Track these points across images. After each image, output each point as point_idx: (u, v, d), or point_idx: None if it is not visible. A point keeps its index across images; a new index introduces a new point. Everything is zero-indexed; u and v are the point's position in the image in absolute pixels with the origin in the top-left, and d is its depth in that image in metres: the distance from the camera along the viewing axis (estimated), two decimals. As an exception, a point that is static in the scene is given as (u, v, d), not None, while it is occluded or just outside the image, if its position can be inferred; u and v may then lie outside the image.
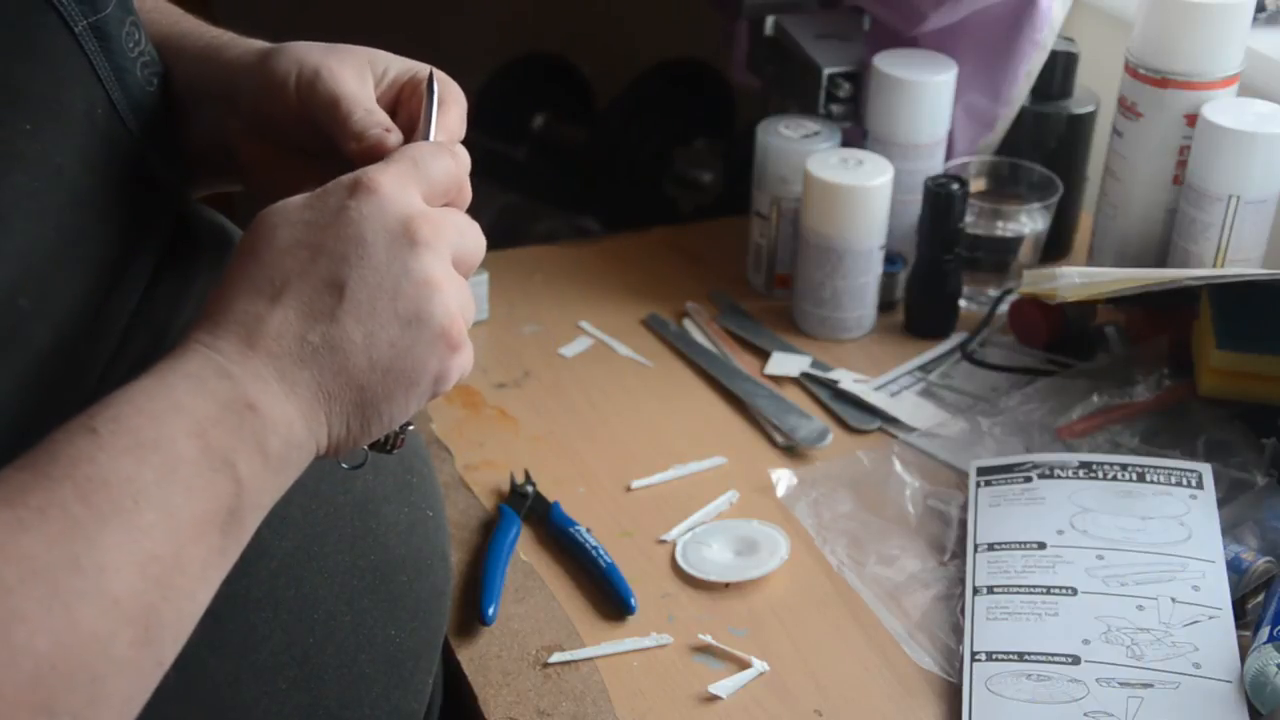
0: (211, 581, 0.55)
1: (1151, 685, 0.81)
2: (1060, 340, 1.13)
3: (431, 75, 0.69)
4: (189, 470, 0.53)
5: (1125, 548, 0.90)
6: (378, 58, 0.71)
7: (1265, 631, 0.80)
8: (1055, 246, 1.24)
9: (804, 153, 1.16)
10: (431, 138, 0.67)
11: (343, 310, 0.58)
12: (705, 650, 0.87)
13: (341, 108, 0.67)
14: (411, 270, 0.59)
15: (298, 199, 0.61)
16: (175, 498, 0.53)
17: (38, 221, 0.60)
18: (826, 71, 1.23)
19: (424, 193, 0.62)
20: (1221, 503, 0.93)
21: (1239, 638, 0.83)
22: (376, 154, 0.65)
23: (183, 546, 0.53)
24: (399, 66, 0.71)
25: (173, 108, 0.73)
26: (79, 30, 0.64)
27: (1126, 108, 1.13)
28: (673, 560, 0.94)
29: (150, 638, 0.52)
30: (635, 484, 1.01)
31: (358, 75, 0.69)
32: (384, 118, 0.67)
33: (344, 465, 0.62)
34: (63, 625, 0.49)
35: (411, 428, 0.65)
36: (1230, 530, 0.91)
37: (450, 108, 0.69)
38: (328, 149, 0.68)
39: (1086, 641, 0.84)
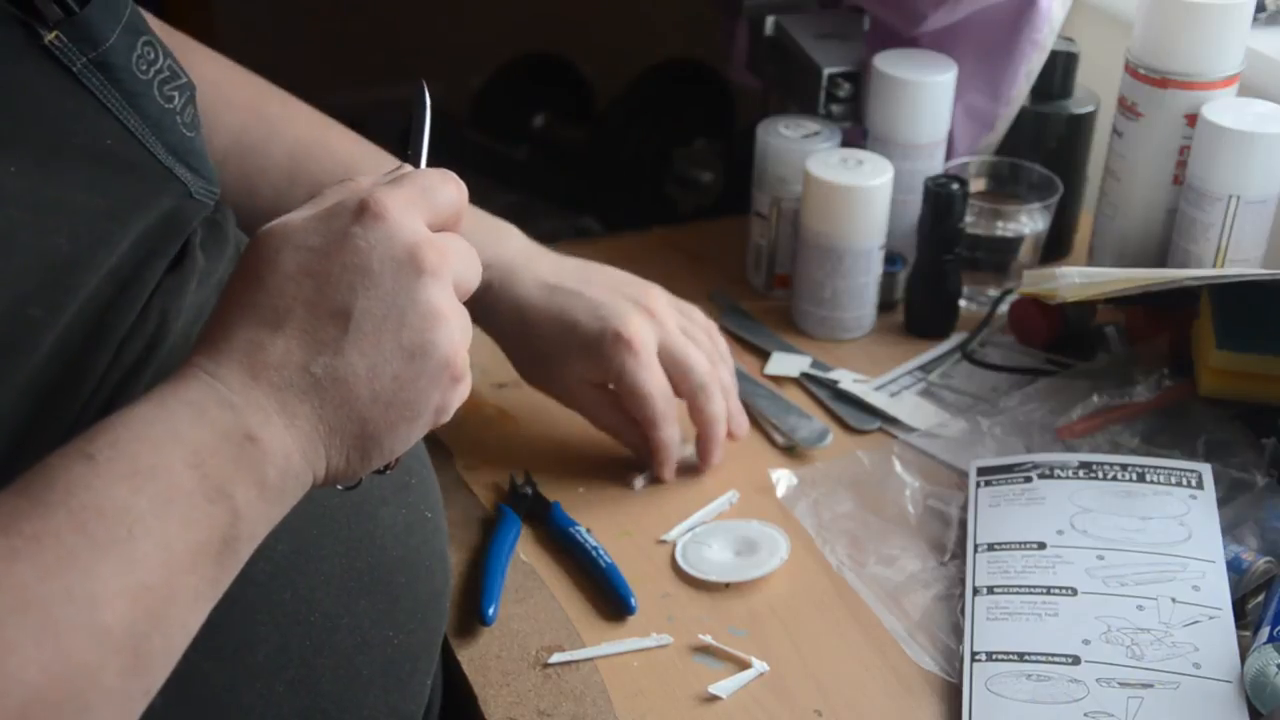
0: (202, 610, 0.55)
1: (1151, 685, 0.81)
2: (1060, 340, 1.13)
3: (423, 88, 0.69)
4: (185, 501, 0.53)
5: (1125, 548, 0.90)
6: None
7: (1265, 631, 0.80)
8: (1055, 246, 1.24)
9: (804, 153, 1.16)
10: (424, 153, 0.67)
11: (347, 341, 0.57)
12: (705, 650, 0.87)
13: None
14: (418, 300, 0.59)
15: (300, 217, 0.60)
16: (171, 528, 0.53)
17: (45, 238, 0.60)
18: (826, 71, 1.23)
19: (428, 220, 0.61)
20: (1221, 503, 0.93)
21: (1239, 638, 0.83)
22: None
23: (176, 576, 0.53)
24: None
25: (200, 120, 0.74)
26: (78, 69, 0.64)
27: (1126, 108, 1.13)
28: (673, 560, 0.94)
29: (140, 668, 0.52)
30: (635, 484, 1.01)
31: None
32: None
33: (338, 486, 0.62)
34: (53, 656, 0.49)
35: None
36: (1230, 530, 0.91)
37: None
38: None
39: (1086, 641, 0.84)
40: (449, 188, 0.63)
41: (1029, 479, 0.96)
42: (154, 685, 0.53)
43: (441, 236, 0.61)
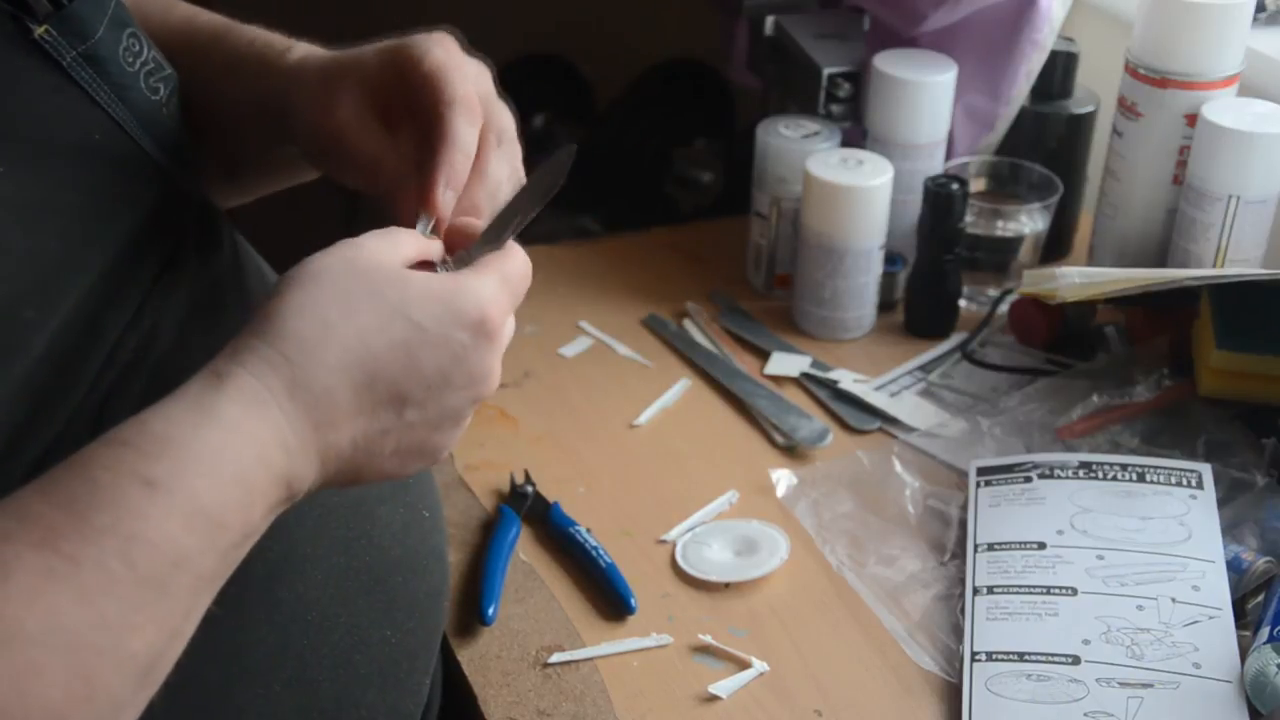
0: (199, 619, 0.56)
1: (1151, 685, 0.81)
2: (1060, 340, 1.13)
3: (566, 155, 0.70)
4: (227, 541, 0.54)
5: (1125, 548, 0.90)
6: (364, 75, 0.72)
7: (1265, 631, 0.80)
8: (1055, 246, 1.24)
9: (804, 153, 1.16)
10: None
11: (395, 427, 0.60)
12: (705, 650, 0.87)
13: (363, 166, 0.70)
14: (460, 416, 0.62)
15: (428, 282, 0.60)
16: (208, 564, 0.54)
17: (36, 239, 0.60)
18: (826, 71, 1.23)
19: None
20: (1221, 503, 0.93)
21: (1239, 638, 0.83)
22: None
23: (197, 601, 0.54)
24: (374, 63, 0.72)
25: (202, 114, 0.74)
26: (68, 63, 0.64)
27: (1126, 108, 1.13)
28: (673, 560, 0.94)
29: (151, 682, 0.53)
30: (635, 484, 1.01)
31: (359, 120, 0.71)
32: (393, 162, 0.70)
33: None
34: (80, 681, 0.49)
35: None
36: (1230, 530, 0.91)
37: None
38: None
39: (1086, 641, 0.84)
40: (528, 280, 0.66)
41: (1029, 479, 0.96)
42: (155, 690, 0.54)
43: (499, 350, 0.63)
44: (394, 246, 0.62)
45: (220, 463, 0.54)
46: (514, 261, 0.65)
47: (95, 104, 0.66)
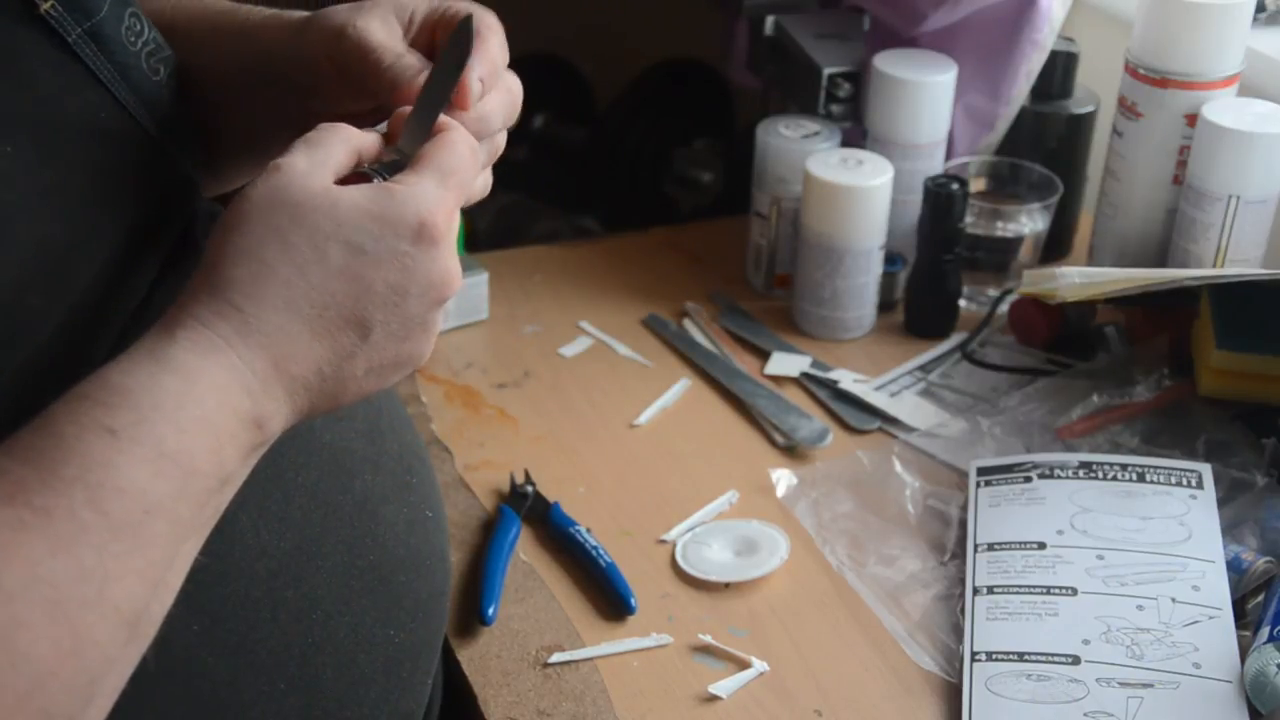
0: (187, 568, 0.56)
1: (1151, 685, 0.81)
2: (1060, 340, 1.13)
3: (469, 23, 0.67)
4: (200, 486, 0.54)
5: (1125, 548, 0.90)
6: (403, 3, 0.71)
7: (1265, 631, 0.80)
8: (1055, 246, 1.24)
9: (804, 153, 1.16)
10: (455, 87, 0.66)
11: (361, 350, 0.60)
12: (705, 650, 0.87)
13: (371, 59, 0.67)
14: (428, 323, 0.62)
15: (355, 204, 0.59)
16: (183, 510, 0.54)
17: (42, 225, 0.60)
18: (826, 71, 1.23)
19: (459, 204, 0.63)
20: (1221, 503, 0.93)
21: (1239, 638, 0.83)
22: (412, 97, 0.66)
23: (178, 551, 0.54)
24: (425, 7, 0.71)
25: (186, 93, 0.73)
26: (73, 39, 0.64)
27: (1126, 108, 1.13)
28: (673, 560, 0.94)
29: (139, 634, 0.53)
30: (635, 484, 1.01)
31: (384, 24, 0.69)
32: (415, 60, 0.68)
33: None
34: (65, 633, 0.49)
35: None
36: (1230, 530, 0.91)
37: (488, 38, 0.68)
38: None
39: (1086, 641, 0.84)
40: (476, 176, 0.64)
41: (1029, 479, 0.96)
42: (145, 646, 0.54)
43: (449, 248, 0.62)
44: (323, 163, 0.61)
45: (181, 408, 0.54)
46: (451, 153, 0.63)
47: (99, 82, 0.65)
